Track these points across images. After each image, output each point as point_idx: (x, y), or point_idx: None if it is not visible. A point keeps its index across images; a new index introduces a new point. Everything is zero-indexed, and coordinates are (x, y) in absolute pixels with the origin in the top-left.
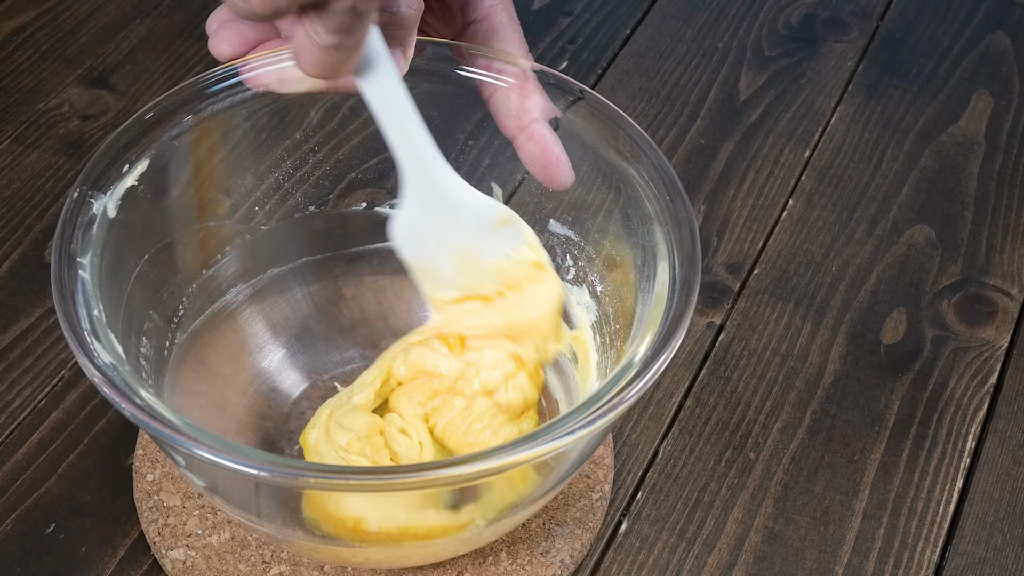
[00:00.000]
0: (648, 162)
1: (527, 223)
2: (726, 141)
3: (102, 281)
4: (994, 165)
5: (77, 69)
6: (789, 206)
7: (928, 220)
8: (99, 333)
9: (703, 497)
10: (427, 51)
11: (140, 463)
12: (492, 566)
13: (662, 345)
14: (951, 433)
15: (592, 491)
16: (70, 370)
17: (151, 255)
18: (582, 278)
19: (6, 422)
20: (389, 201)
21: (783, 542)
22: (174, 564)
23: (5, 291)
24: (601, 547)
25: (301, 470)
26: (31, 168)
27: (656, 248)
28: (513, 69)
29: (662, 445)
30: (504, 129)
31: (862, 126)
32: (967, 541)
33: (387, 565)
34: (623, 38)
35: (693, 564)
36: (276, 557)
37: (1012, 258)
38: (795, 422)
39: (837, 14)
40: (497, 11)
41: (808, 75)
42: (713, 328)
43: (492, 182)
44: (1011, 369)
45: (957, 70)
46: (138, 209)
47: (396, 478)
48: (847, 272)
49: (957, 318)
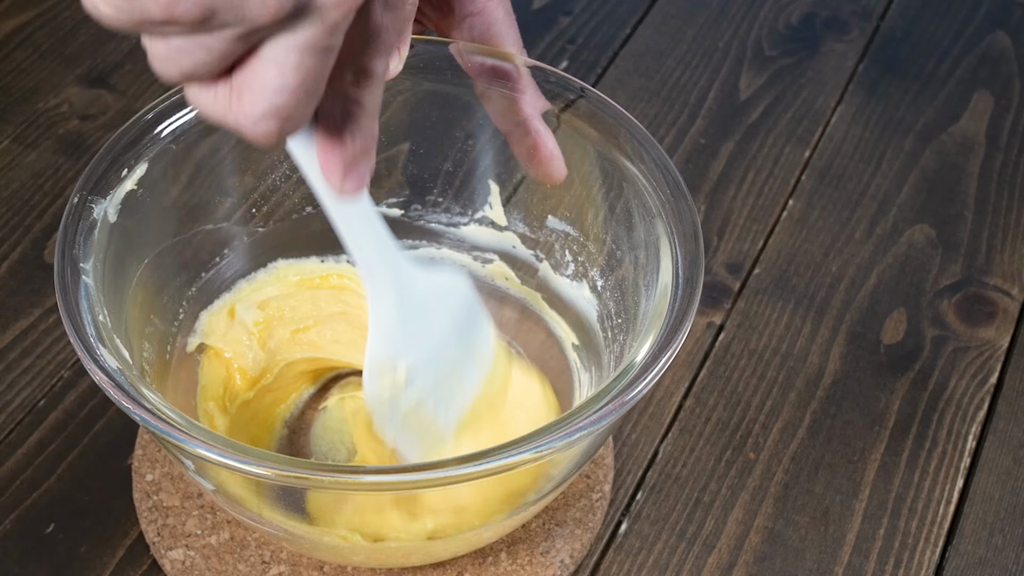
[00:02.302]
0: (650, 160)
1: (527, 221)
2: (726, 141)
3: (105, 286)
4: (994, 165)
5: (76, 69)
6: (789, 206)
7: (928, 220)
8: (105, 338)
9: (703, 497)
10: (426, 50)
11: (139, 463)
12: (492, 566)
13: (664, 346)
14: (951, 433)
15: (592, 491)
16: (69, 370)
17: (152, 259)
18: (582, 273)
19: (5, 422)
20: (388, 200)
21: (783, 542)
22: (173, 564)
23: (4, 291)
24: (601, 547)
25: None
26: (31, 168)
27: (659, 246)
28: (507, 65)
29: (662, 445)
30: (498, 124)
31: (862, 126)
32: (967, 541)
33: (387, 565)
34: (623, 38)
35: (693, 564)
36: (275, 557)
37: (1012, 258)
38: (795, 422)
39: (837, 14)
40: (493, 5)
41: (808, 75)
42: (713, 328)
43: (490, 180)
44: (1011, 369)
45: (957, 70)
46: (138, 213)
47: (402, 478)
48: (847, 272)
49: (957, 318)
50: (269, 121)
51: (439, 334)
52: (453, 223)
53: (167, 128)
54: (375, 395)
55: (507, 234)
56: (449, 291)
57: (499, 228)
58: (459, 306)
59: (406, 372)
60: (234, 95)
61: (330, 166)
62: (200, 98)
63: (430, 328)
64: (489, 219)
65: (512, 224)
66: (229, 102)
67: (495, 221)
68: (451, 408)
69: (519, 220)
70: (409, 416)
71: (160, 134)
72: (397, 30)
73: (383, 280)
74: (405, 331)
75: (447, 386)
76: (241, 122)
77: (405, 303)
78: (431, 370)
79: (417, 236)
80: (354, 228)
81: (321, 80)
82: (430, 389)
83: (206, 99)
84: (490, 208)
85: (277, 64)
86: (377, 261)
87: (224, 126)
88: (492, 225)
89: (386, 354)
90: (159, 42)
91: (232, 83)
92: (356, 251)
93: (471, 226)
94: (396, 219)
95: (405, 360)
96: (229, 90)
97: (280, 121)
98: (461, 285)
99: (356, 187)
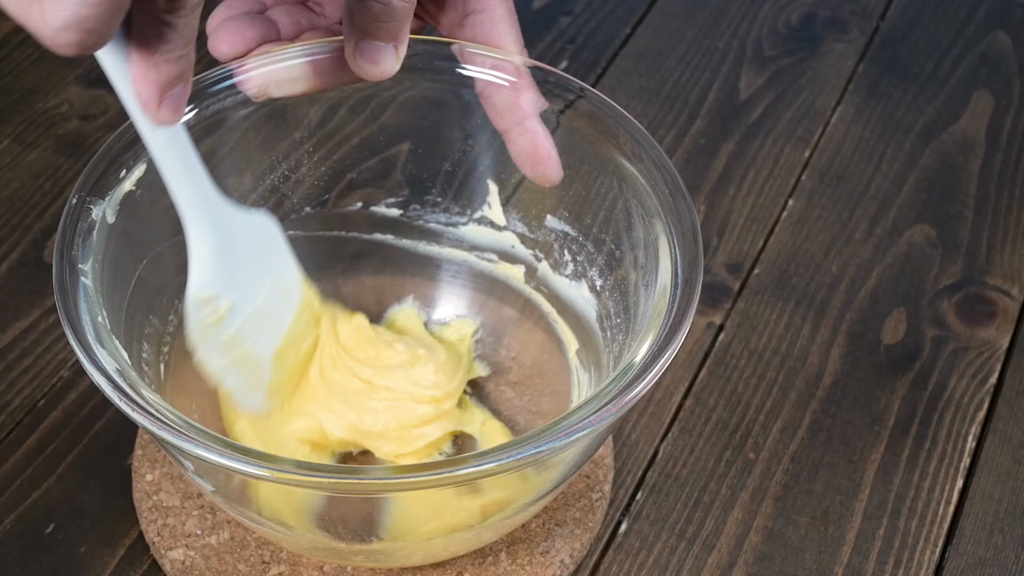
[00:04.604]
0: (649, 160)
1: (526, 221)
2: (726, 141)
3: (104, 287)
4: (994, 165)
5: (76, 69)
6: (789, 206)
7: (928, 220)
8: (104, 340)
9: (703, 497)
10: (426, 50)
11: (139, 463)
12: (492, 566)
13: (663, 346)
14: (951, 433)
15: (592, 491)
16: (69, 370)
17: (150, 260)
18: (581, 273)
19: (5, 422)
20: (387, 200)
21: (783, 542)
22: (173, 564)
23: (4, 291)
24: (601, 547)
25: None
26: (30, 168)
27: (658, 246)
28: (507, 65)
29: (662, 445)
30: (496, 123)
31: (862, 126)
32: (967, 541)
33: (387, 565)
34: (623, 38)
35: (693, 564)
36: (275, 557)
37: (1012, 258)
38: (795, 422)
39: (837, 14)
40: (496, 3)
41: (808, 75)
42: (713, 328)
43: (489, 180)
44: (1011, 369)
45: (957, 70)
46: (137, 214)
47: (407, 478)
48: (847, 272)
49: (957, 318)
50: (70, 32)
51: (255, 266)
52: (452, 223)
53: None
54: (198, 324)
55: (506, 234)
56: (260, 228)
57: (498, 228)
58: (270, 242)
59: (229, 303)
60: (36, 3)
61: (144, 90)
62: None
63: (247, 261)
64: (488, 219)
65: (511, 224)
66: (32, 9)
67: (494, 221)
68: (268, 337)
69: (518, 220)
70: (230, 344)
71: None
72: None
73: (202, 216)
74: (225, 264)
75: (263, 315)
76: (43, 31)
77: (224, 238)
78: (249, 300)
79: (416, 236)
80: (171, 162)
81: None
82: (248, 317)
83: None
84: (489, 208)
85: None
86: (195, 197)
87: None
88: (491, 225)
89: (209, 286)
90: None
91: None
92: (175, 186)
93: (470, 226)
94: (395, 219)
95: (227, 291)
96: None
97: (81, 33)
98: (269, 223)
99: (171, 114)
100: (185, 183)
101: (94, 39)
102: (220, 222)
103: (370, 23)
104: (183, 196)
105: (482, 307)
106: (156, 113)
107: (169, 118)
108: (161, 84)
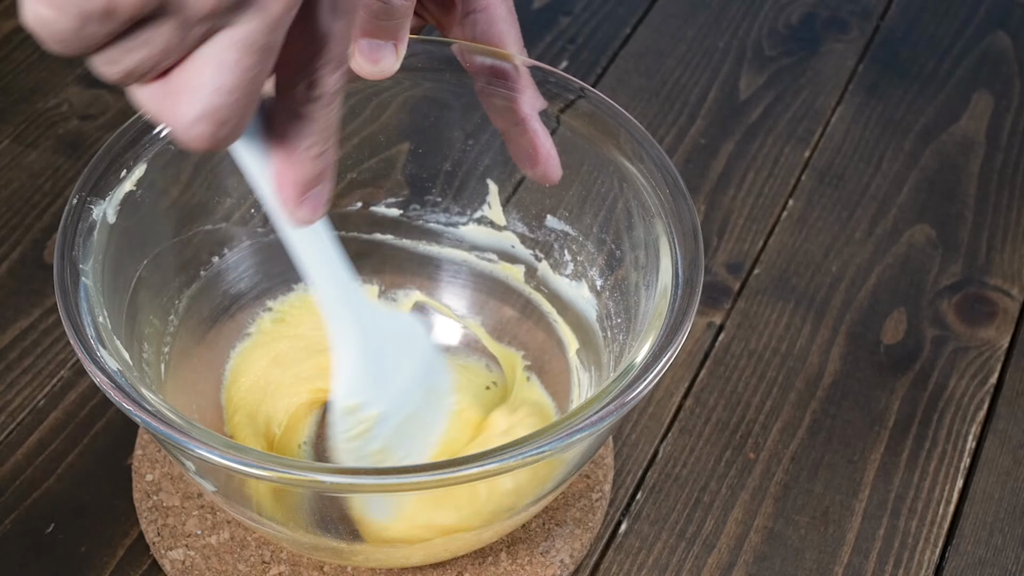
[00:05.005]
0: (649, 160)
1: (526, 221)
2: (726, 141)
3: (104, 287)
4: (994, 165)
5: (76, 69)
6: (789, 206)
7: (928, 220)
8: (105, 340)
9: (703, 497)
10: (426, 50)
11: (139, 463)
12: (492, 566)
13: (664, 347)
14: (951, 433)
15: (592, 491)
16: (69, 370)
17: (151, 259)
18: (581, 273)
19: (5, 422)
20: (387, 200)
21: (783, 542)
22: (173, 564)
23: (4, 291)
24: (601, 547)
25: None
26: (30, 168)
27: (658, 246)
28: (506, 64)
29: (662, 445)
30: (496, 123)
31: (862, 126)
32: (967, 541)
33: (387, 565)
34: (623, 38)
35: (693, 564)
36: (276, 557)
37: (1012, 258)
38: (795, 422)
39: (837, 14)
40: (496, 3)
41: (808, 75)
42: (713, 328)
43: (489, 180)
44: (1011, 369)
45: (957, 70)
46: (137, 214)
47: (402, 479)
48: (847, 272)
49: (957, 318)
50: (203, 124)
51: (403, 372)
52: (452, 223)
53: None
54: (344, 435)
55: (506, 234)
56: (407, 330)
57: (498, 228)
58: (417, 346)
59: (376, 413)
60: (171, 95)
61: (283, 188)
62: (140, 97)
63: (395, 368)
64: (488, 219)
65: (511, 224)
66: (165, 102)
67: (494, 221)
68: (420, 450)
69: (518, 220)
70: (377, 459)
71: (159, 134)
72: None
73: (344, 318)
74: (370, 371)
75: (414, 425)
76: (176, 124)
77: (370, 342)
78: (398, 409)
79: (416, 236)
80: (312, 260)
81: (259, 82)
82: (397, 428)
83: (145, 98)
84: (489, 208)
85: (214, 62)
86: (337, 297)
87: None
88: (491, 225)
89: (354, 395)
90: None
91: (169, 82)
92: (315, 285)
93: (470, 226)
94: (396, 219)
95: (373, 401)
96: (167, 90)
97: (215, 125)
98: (416, 325)
99: (311, 214)
100: (328, 284)
101: (227, 130)
102: (365, 325)
103: (370, 21)
104: (326, 298)
105: (482, 307)
106: (295, 212)
107: (309, 218)
108: (301, 184)
